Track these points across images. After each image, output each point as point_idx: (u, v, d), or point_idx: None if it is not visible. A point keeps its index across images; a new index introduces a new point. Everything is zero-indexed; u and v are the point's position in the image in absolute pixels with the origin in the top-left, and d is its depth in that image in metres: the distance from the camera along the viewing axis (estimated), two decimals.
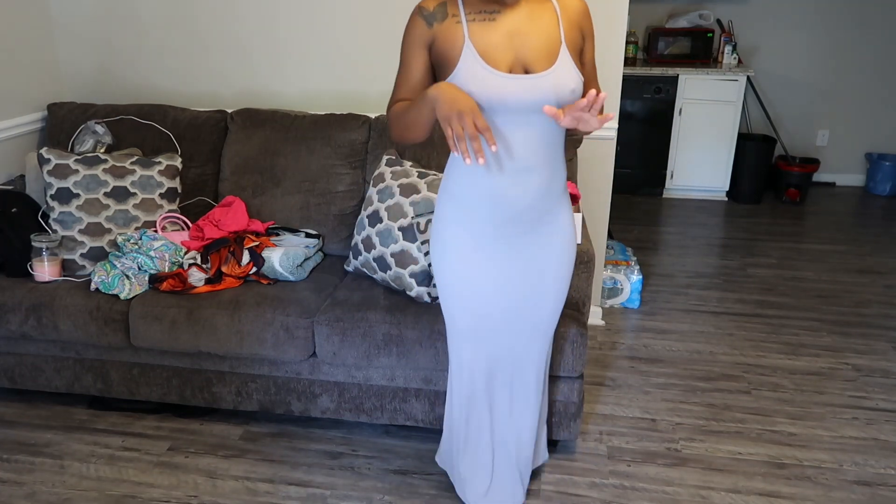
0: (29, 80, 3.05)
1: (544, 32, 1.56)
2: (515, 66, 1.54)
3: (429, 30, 1.56)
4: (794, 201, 5.13)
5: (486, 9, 1.55)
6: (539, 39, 1.55)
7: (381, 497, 2.19)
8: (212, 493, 2.20)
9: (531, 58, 1.54)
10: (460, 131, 1.43)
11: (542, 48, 1.55)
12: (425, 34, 1.57)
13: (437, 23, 1.55)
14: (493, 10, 1.55)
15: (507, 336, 1.84)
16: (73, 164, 2.52)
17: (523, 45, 1.54)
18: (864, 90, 5.31)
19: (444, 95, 1.46)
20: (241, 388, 2.42)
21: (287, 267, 2.45)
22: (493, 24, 1.54)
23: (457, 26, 1.54)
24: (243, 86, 3.11)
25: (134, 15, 3.08)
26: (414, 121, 1.54)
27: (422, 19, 1.57)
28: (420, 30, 1.57)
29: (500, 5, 1.55)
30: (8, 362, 2.55)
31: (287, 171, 2.75)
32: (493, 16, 1.54)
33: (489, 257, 1.72)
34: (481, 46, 1.52)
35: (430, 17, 1.56)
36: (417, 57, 1.59)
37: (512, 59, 1.54)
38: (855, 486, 2.24)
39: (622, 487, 2.23)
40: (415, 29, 1.58)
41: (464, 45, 1.53)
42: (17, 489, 2.22)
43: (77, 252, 2.50)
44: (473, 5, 1.56)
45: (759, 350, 3.07)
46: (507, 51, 1.53)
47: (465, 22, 1.54)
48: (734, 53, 5.01)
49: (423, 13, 1.57)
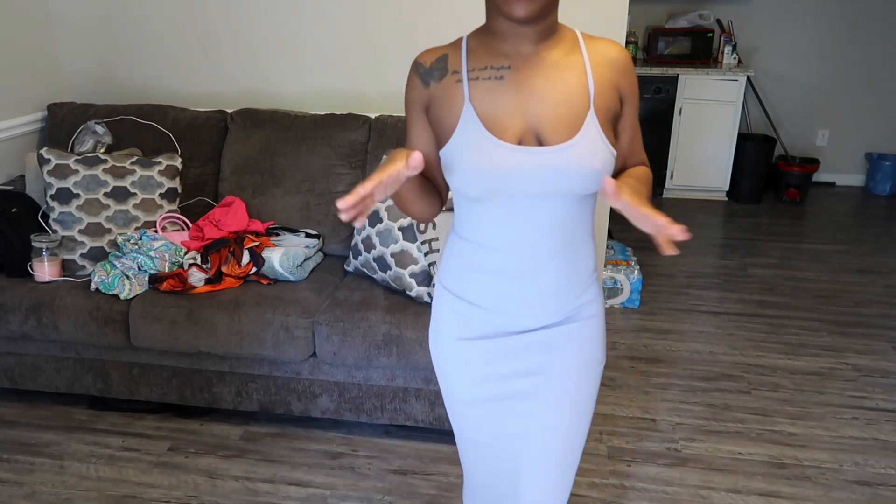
0: (29, 80, 3.05)
1: (567, 92, 1.21)
2: (527, 135, 1.20)
3: (425, 90, 1.27)
4: (794, 201, 5.13)
5: (493, 63, 1.22)
6: (559, 101, 1.21)
7: (381, 497, 2.19)
8: (212, 493, 2.20)
9: (548, 126, 1.20)
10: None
11: (563, 113, 1.20)
12: (422, 95, 1.27)
13: (435, 81, 1.25)
14: (502, 64, 1.22)
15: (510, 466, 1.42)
16: (73, 165, 2.52)
17: (538, 109, 1.20)
18: (864, 90, 5.31)
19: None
20: (241, 388, 2.42)
21: (287, 267, 2.45)
22: (502, 83, 1.21)
23: (457, 86, 1.23)
24: (243, 86, 3.11)
25: (134, 15, 3.08)
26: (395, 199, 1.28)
27: (418, 78, 1.28)
28: (416, 91, 1.28)
29: (512, 58, 1.22)
30: (8, 362, 2.55)
31: (287, 171, 2.75)
32: (501, 72, 1.22)
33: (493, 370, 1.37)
34: (485, 110, 1.20)
35: (426, 76, 1.27)
36: (417, 123, 1.30)
37: (523, 128, 1.20)
38: (855, 486, 2.24)
39: (622, 487, 2.23)
40: (412, 90, 1.29)
41: (463, 109, 1.21)
42: (17, 489, 2.22)
43: (77, 252, 2.50)
44: (479, 59, 1.24)
45: (759, 350, 3.07)
46: (518, 116, 1.20)
47: (467, 80, 1.22)
48: (734, 53, 5.01)
49: (419, 70, 1.28)
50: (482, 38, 1.25)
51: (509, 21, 1.18)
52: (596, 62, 1.24)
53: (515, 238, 1.25)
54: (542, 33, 1.21)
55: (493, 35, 1.23)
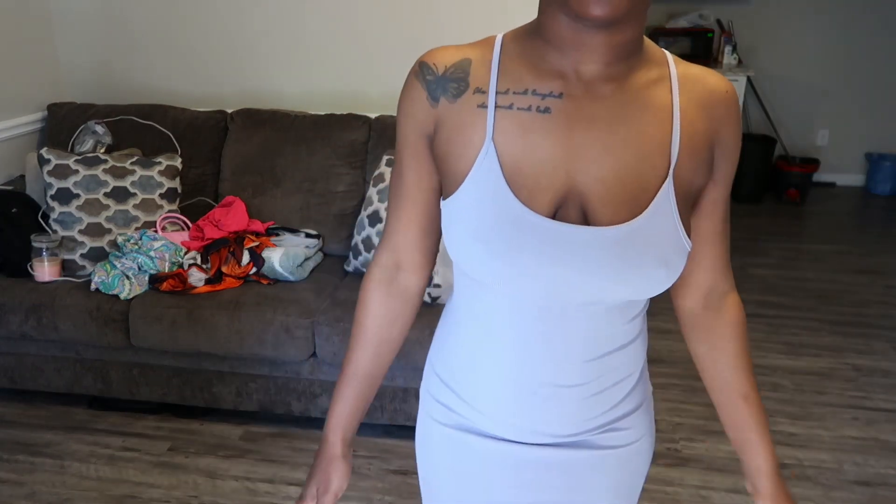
0: (29, 80, 3.04)
1: (639, 146, 0.80)
2: (568, 204, 0.80)
3: (431, 108, 0.84)
4: (795, 201, 5.13)
5: (538, 88, 0.80)
6: (625, 159, 0.79)
7: (381, 497, 2.18)
8: (212, 493, 2.20)
9: (599, 194, 0.79)
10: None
11: (627, 177, 0.79)
12: (425, 115, 0.85)
13: (448, 98, 0.83)
14: (551, 91, 0.79)
15: None
16: (73, 165, 2.52)
17: (591, 165, 0.79)
18: (864, 90, 5.31)
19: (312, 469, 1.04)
20: (241, 388, 2.42)
21: (287, 267, 2.45)
22: (546, 119, 0.79)
23: (478, 113, 0.81)
24: (243, 86, 3.11)
25: (134, 15, 3.08)
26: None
27: (421, 87, 0.85)
28: (417, 107, 0.85)
29: (568, 82, 0.80)
30: (8, 362, 2.55)
31: (287, 171, 2.74)
32: (547, 101, 0.79)
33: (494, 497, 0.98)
34: (512, 158, 0.79)
35: (435, 87, 0.84)
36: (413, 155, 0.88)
37: (563, 191, 0.80)
38: (855, 486, 2.24)
39: None
40: (411, 104, 0.86)
41: (482, 151, 0.80)
42: (17, 489, 2.22)
43: (77, 252, 2.50)
44: (518, 76, 0.81)
45: (759, 350, 3.07)
46: (560, 173, 0.79)
47: (494, 107, 0.80)
48: (734, 53, 5.01)
49: (425, 75, 0.85)
50: (526, 45, 0.82)
51: (577, 21, 0.75)
52: (689, 102, 0.82)
53: (532, 340, 0.87)
54: (619, 48, 0.78)
55: (545, 42, 0.80)
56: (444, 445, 1.00)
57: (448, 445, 0.99)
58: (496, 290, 0.86)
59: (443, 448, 1.00)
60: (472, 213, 0.81)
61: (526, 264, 0.80)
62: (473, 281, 0.88)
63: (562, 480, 0.95)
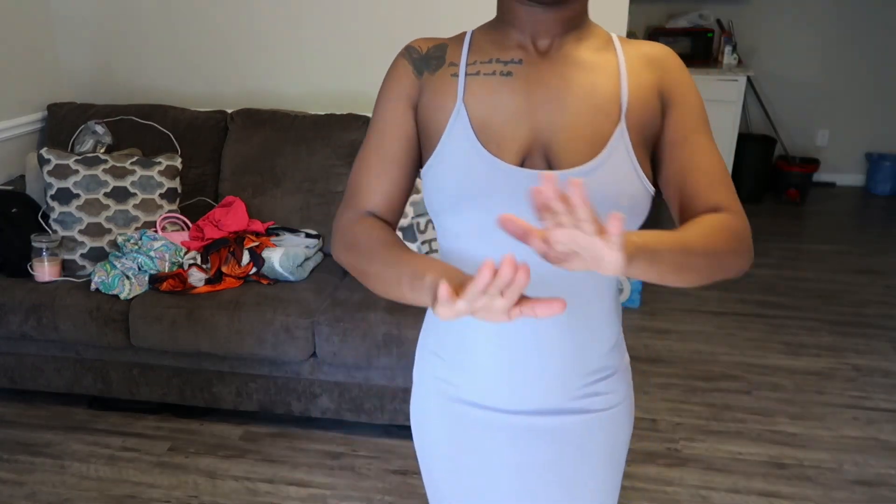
0: (29, 80, 3.05)
1: (591, 98, 0.93)
2: (533, 152, 0.92)
3: (417, 79, 0.98)
4: (795, 201, 5.13)
5: (501, 56, 0.95)
6: (580, 110, 0.92)
7: (381, 497, 2.18)
8: (212, 493, 2.20)
9: (561, 141, 0.91)
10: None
11: (584, 125, 0.92)
12: (412, 85, 0.98)
13: (430, 72, 0.98)
14: (511, 58, 0.95)
15: None
16: (73, 165, 2.52)
17: (552, 117, 0.92)
18: (864, 90, 5.31)
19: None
20: (241, 388, 2.42)
21: (287, 267, 2.45)
22: (509, 81, 0.93)
23: (451, 81, 0.95)
24: (243, 86, 3.11)
25: (134, 15, 3.08)
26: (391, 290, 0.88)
27: (408, 63, 0.99)
28: (405, 78, 0.99)
29: (526, 51, 0.95)
30: (8, 362, 2.55)
31: (287, 171, 2.75)
32: (509, 67, 0.94)
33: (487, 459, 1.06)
34: (481, 116, 0.93)
35: (420, 62, 0.99)
36: (398, 114, 0.98)
37: (529, 142, 0.92)
38: (855, 486, 2.24)
39: (622, 487, 2.23)
40: (399, 77, 0.99)
41: (454, 111, 0.94)
42: (17, 489, 2.22)
43: (77, 252, 2.50)
44: (483, 50, 0.97)
45: (759, 350, 3.07)
46: (523, 126, 0.92)
47: (464, 75, 0.95)
48: (734, 53, 5.01)
49: (411, 55, 1.00)
50: (492, 30, 0.99)
51: (530, 5, 0.92)
52: (633, 63, 0.96)
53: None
54: (567, 23, 0.95)
55: (506, 25, 0.97)
56: (442, 418, 1.07)
57: (445, 418, 1.07)
58: (480, 248, 0.94)
59: (440, 421, 1.08)
60: (448, 168, 0.93)
61: (501, 210, 0.89)
62: (456, 242, 0.97)
63: (551, 445, 1.04)
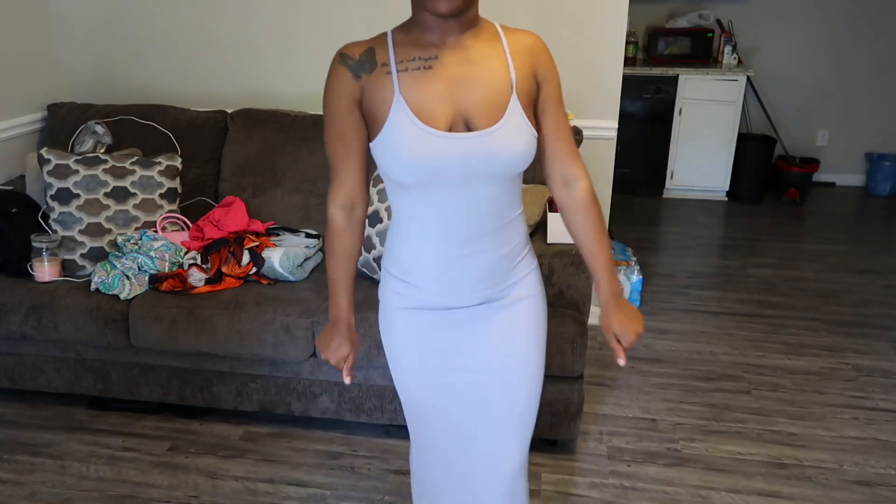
0: (29, 80, 3.05)
1: (491, 79, 1.27)
2: (457, 122, 1.25)
3: (356, 82, 1.27)
4: (794, 201, 5.13)
5: (421, 55, 1.26)
6: (485, 88, 1.26)
7: (381, 497, 2.19)
8: (212, 493, 2.20)
9: (475, 111, 1.25)
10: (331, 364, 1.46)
11: (489, 99, 1.25)
12: (352, 88, 1.27)
13: (366, 74, 1.26)
14: (429, 55, 1.26)
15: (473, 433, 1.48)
16: (73, 165, 2.52)
17: (466, 95, 1.25)
18: (864, 90, 5.31)
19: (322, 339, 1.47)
20: (241, 388, 2.42)
21: (287, 267, 2.45)
22: (430, 73, 1.25)
23: (386, 78, 1.25)
24: (243, 86, 3.11)
25: (134, 15, 3.08)
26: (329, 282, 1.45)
27: (346, 70, 1.27)
28: (346, 84, 1.27)
29: (439, 48, 1.26)
30: (8, 362, 2.55)
31: (287, 171, 2.75)
32: (429, 62, 1.25)
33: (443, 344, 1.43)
34: (415, 101, 1.24)
35: (356, 68, 1.27)
36: (347, 119, 1.29)
37: (452, 115, 1.24)
38: (855, 486, 2.24)
39: (622, 487, 2.23)
40: (340, 83, 1.28)
41: (393, 101, 1.24)
42: (17, 489, 2.22)
43: (77, 252, 2.50)
44: (406, 51, 1.27)
45: (759, 350, 3.07)
46: (447, 104, 1.24)
47: (396, 72, 1.25)
48: (734, 53, 5.01)
49: (347, 62, 1.27)
50: (408, 32, 1.29)
51: (435, 15, 1.22)
52: (514, 50, 1.31)
53: (451, 222, 1.31)
54: (464, 25, 1.27)
55: (420, 27, 1.27)
56: (403, 322, 1.44)
57: (405, 322, 1.43)
58: (421, 189, 1.28)
59: (402, 325, 1.44)
60: (397, 140, 1.24)
61: (439, 163, 1.24)
62: (404, 188, 1.29)
63: (487, 326, 1.41)
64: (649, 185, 5.24)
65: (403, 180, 1.27)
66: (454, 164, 1.24)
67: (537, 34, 1.36)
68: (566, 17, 2.82)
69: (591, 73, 2.88)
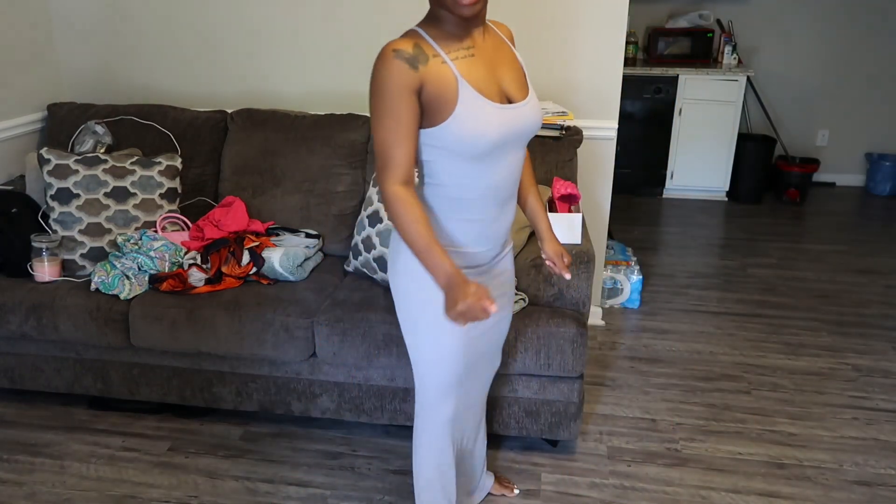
0: (29, 80, 3.05)
1: (512, 62, 1.57)
2: (502, 97, 1.51)
3: (415, 73, 1.41)
4: (794, 201, 5.13)
5: (461, 45, 1.48)
6: (511, 69, 1.55)
7: (381, 497, 2.19)
8: (212, 493, 2.20)
9: (511, 88, 1.53)
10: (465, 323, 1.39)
11: (516, 78, 1.55)
12: (412, 79, 1.41)
13: (422, 65, 1.42)
14: (469, 46, 1.49)
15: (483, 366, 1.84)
16: (73, 165, 2.52)
17: (502, 76, 1.53)
18: (864, 90, 5.31)
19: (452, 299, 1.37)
20: (241, 388, 2.42)
21: (287, 267, 2.45)
22: (474, 59, 1.49)
23: (444, 66, 1.44)
24: (243, 86, 3.11)
25: (134, 15, 3.08)
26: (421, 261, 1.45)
27: (403, 62, 1.40)
28: (405, 75, 1.40)
29: (471, 40, 1.50)
30: (8, 362, 2.55)
31: (287, 172, 2.75)
32: (470, 51, 1.48)
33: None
34: (474, 83, 1.46)
35: (412, 60, 1.41)
36: (408, 105, 1.42)
37: (499, 92, 1.51)
38: (855, 486, 2.24)
39: (622, 487, 2.23)
40: (399, 75, 1.40)
41: (458, 85, 1.44)
42: (17, 489, 2.22)
43: (77, 252, 2.50)
44: (446, 44, 1.47)
45: (759, 350, 3.07)
46: (493, 83, 1.50)
47: (450, 61, 1.45)
48: (734, 53, 5.01)
49: (403, 56, 1.41)
50: (436, 28, 1.48)
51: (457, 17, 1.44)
52: (508, 37, 1.65)
53: (499, 185, 1.55)
54: (481, 21, 1.53)
55: (445, 24, 1.48)
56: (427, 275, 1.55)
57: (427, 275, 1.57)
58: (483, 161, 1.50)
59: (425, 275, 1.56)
60: (471, 117, 1.45)
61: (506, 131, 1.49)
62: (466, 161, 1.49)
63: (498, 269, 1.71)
64: (649, 185, 5.24)
65: (478, 152, 1.47)
66: (513, 131, 1.50)
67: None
68: (566, 17, 2.82)
69: (591, 73, 2.88)
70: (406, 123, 1.43)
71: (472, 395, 1.85)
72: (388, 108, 1.42)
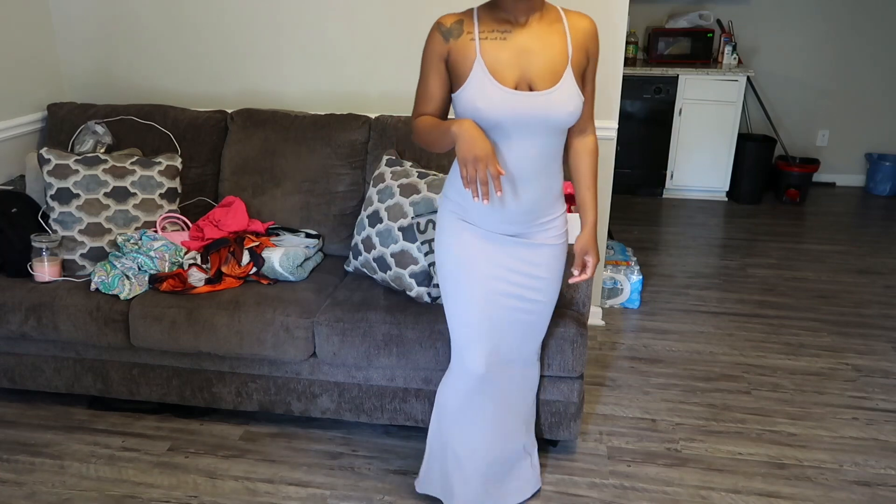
0: (29, 80, 3.05)
1: (551, 52, 1.65)
2: (521, 83, 1.63)
3: (445, 45, 1.66)
4: (794, 201, 5.13)
5: (498, 28, 1.65)
6: (545, 59, 1.64)
7: (381, 497, 2.19)
8: (212, 493, 2.20)
9: (536, 76, 1.63)
10: (474, 175, 1.55)
11: (548, 67, 1.64)
12: (442, 49, 1.67)
13: (454, 39, 1.66)
14: (505, 29, 1.65)
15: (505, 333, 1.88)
16: (73, 165, 2.52)
17: (530, 63, 1.63)
18: (864, 90, 5.31)
19: (464, 135, 1.56)
20: (241, 388, 2.42)
21: (287, 267, 2.46)
22: (504, 42, 1.63)
23: (470, 43, 1.64)
24: (243, 86, 3.11)
25: (134, 15, 3.08)
26: (436, 143, 1.66)
27: (440, 35, 1.67)
28: (438, 45, 1.67)
29: (512, 25, 1.65)
30: (8, 362, 2.55)
31: (287, 172, 2.75)
32: (504, 34, 1.64)
33: (487, 252, 1.81)
34: (491, 63, 1.62)
35: (447, 34, 1.66)
36: (435, 70, 1.69)
37: (518, 77, 1.62)
38: (855, 486, 2.24)
39: (622, 487, 2.23)
40: (433, 44, 1.68)
41: (475, 61, 1.63)
42: (17, 489, 2.22)
43: (77, 252, 2.50)
44: (488, 24, 1.66)
45: (759, 350, 3.07)
46: (515, 68, 1.62)
47: (478, 40, 1.64)
48: (734, 53, 5.01)
49: (441, 29, 1.68)
50: (490, 10, 1.68)
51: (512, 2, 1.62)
52: (574, 29, 1.70)
53: (507, 163, 1.68)
54: (533, 9, 1.66)
55: (498, 8, 1.66)
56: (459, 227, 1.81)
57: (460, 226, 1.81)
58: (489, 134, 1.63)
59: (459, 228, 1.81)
60: (474, 92, 1.63)
61: (504, 113, 1.62)
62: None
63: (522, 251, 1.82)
64: (649, 185, 5.24)
65: (482, 126, 1.61)
66: (521, 116, 1.62)
67: (591, 18, 1.74)
68: None
69: None
70: (431, 84, 1.71)
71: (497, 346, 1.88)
72: (422, 71, 1.72)
